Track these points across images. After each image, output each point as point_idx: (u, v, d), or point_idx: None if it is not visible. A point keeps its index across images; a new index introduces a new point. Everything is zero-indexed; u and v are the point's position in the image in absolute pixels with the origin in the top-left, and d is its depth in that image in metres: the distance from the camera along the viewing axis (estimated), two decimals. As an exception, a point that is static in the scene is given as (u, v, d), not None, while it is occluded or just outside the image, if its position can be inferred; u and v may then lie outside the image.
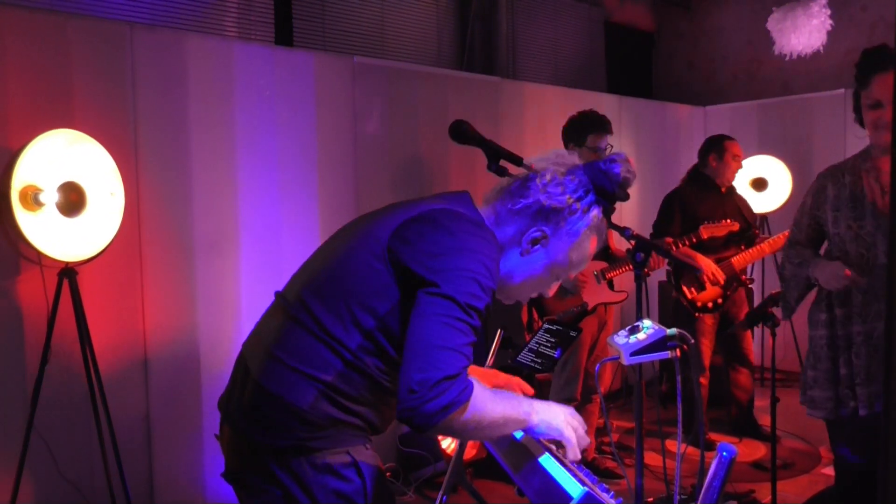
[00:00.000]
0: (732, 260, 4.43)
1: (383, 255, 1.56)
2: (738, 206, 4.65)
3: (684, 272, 4.43)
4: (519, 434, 1.75)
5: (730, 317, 4.61)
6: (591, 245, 1.75)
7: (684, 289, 4.47)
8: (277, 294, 1.78)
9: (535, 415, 1.63)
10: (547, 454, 1.67)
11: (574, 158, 1.76)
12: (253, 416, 1.61)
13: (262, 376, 1.61)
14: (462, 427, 1.46)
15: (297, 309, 1.63)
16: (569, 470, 1.59)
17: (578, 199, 1.69)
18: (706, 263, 4.32)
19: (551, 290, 1.82)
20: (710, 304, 4.49)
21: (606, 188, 1.71)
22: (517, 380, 2.13)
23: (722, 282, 4.37)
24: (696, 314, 4.50)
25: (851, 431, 2.60)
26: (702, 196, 4.52)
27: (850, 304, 2.56)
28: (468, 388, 1.45)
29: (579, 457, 1.66)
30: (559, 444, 1.69)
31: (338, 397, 1.58)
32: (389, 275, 1.55)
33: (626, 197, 1.75)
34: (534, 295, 1.82)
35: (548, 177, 1.70)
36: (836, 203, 2.62)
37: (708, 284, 4.42)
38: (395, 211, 1.67)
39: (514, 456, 1.76)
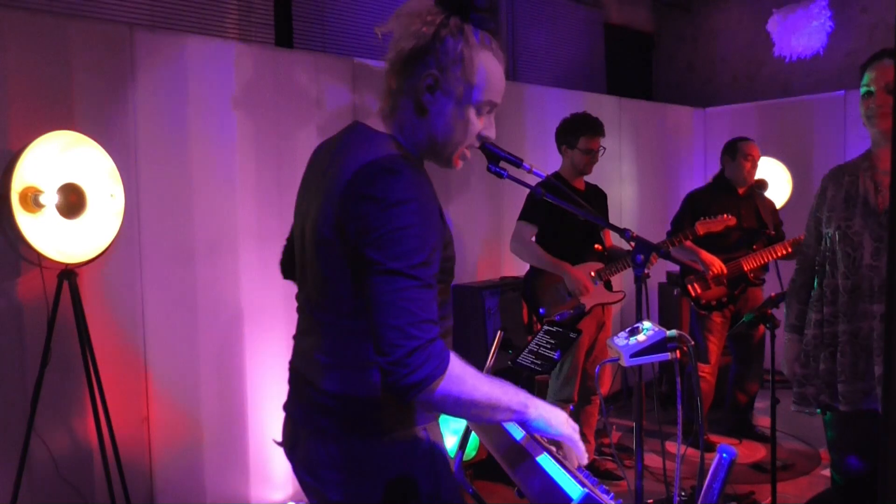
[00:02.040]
0: (741, 260, 4.44)
1: (346, 252, 1.56)
2: (757, 208, 4.65)
3: (689, 269, 4.44)
4: (519, 434, 1.74)
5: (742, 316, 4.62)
6: (489, 62, 1.64)
7: (689, 286, 4.49)
8: (297, 306, 1.83)
9: (533, 409, 1.61)
10: (546, 454, 1.66)
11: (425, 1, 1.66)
12: (334, 416, 1.64)
13: (328, 384, 1.64)
14: (441, 401, 1.48)
15: (316, 320, 1.68)
16: (568, 471, 1.59)
17: (438, 25, 1.59)
18: (710, 259, 4.33)
19: (490, 131, 1.74)
20: (713, 302, 4.50)
21: (457, 1, 1.60)
22: None
23: (725, 279, 4.38)
24: (702, 312, 4.52)
25: (848, 430, 2.63)
26: (715, 196, 4.55)
27: (837, 303, 2.61)
28: (444, 362, 1.46)
29: (586, 460, 1.65)
30: (558, 446, 1.69)
31: None
32: (351, 262, 1.55)
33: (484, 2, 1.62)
34: (476, 143, 1.73)
35: (393, 25, 1.64)
36: (832, 203, 2.66)
37: (712, 282, 4.44)
38: (326, 190, 1.62)
39: (513, 457, 1.76)
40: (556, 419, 1.64)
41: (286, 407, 1.83)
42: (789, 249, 4.34)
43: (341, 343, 1.63)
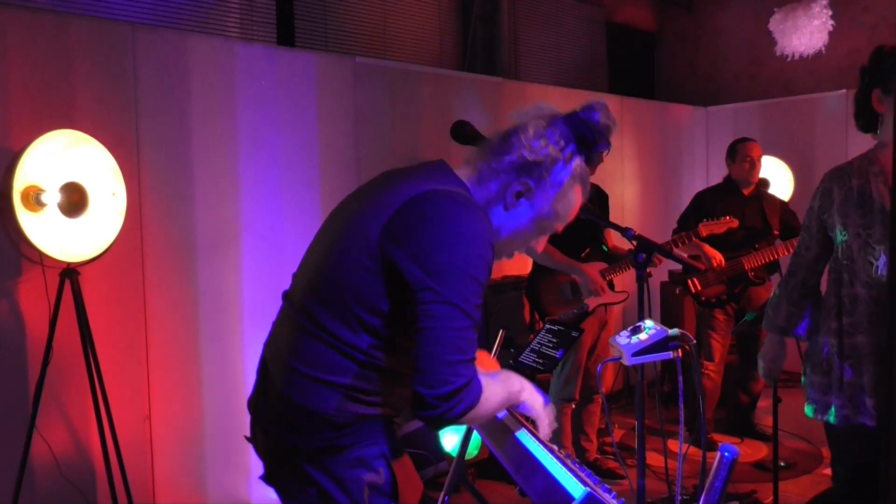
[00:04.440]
0: (742, 259, 4.44)
1: (377, 255, 1.55)
2: (763, 209, 4.64)
3: (691, 267, 4.44)
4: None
5: (745, 315, 4.61)
6: (576, 196, 1.73)
7: (689, 282, 4.49)
8: (284, 295, 1.80)
9: (524, 392, 1.77)
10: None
11: (553, 109, 1.75)
12: (283, 423, 1.66)
13: (286, 387, 1.64)
14: (471, 420, 1.59)
15: (303, 317, 1.65)
16: (570, 470, 1.59)
17: (560, 150, 1.67)
18: (712, 252, 4.33)
19: (539, 245, 1.84)
20: (713, 300, 4.50)
21: (587, 136, 1.70)
22: (483, 354, 2.13)
23: (725, 275, 4.40)
24: (703, 308, 4.53)
25: (860, 443, 2.57)
26: (720, 197, 4.57)
27: (856, 313, 2.51)
28: (478, 392, 1.54)
29: (549, 434, 1.79)
30: (532, 422, 1.82)
31: (360, 395, 1.62)
32: (386, 275, 1.55)
33: (607, 146, 1.73)
34: (521, 250, 1.82)
35: (530, 131, 1.68)
36: (843, 208, 2.55)
37: (712, 279, 4.44)
38: (382, 197, 1.64)
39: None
40: (539, 402, 1.80)
41: (250, 405, 1.81)
42: (791, 250, 4.33)
43: (315, 349, 1.61)
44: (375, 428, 1.67)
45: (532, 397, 1.78)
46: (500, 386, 1.69)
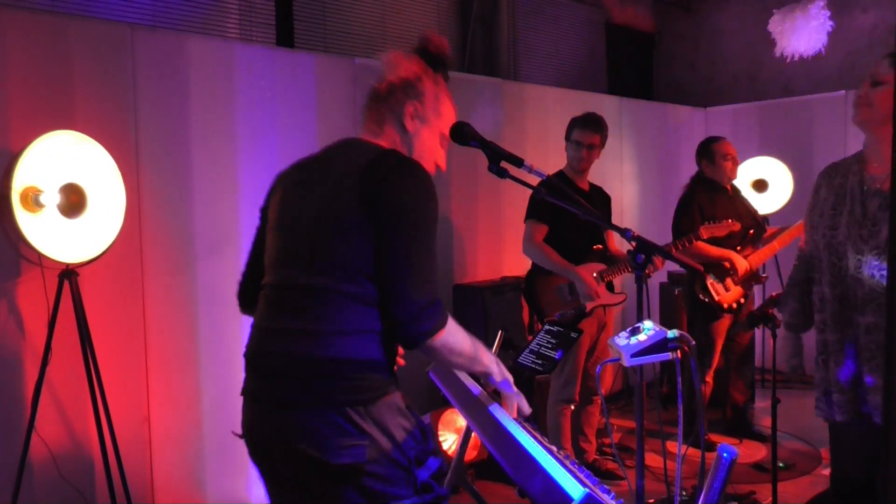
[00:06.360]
0: (749, 259, 4.42)
1: (357, 219, 1.75)
2: (747, 206, 4.65)
3: (709, 273, 4.41)
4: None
5: (737, 316, 4.60)
6: (450, 104, 2.04)
7: (712, 290, 4.43)
8: (269, 286, 1.99)
9: (494, 366, 1.92)
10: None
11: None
12: (333, 382, 1.74)
13: (323, 351, 1.74)
14: (441, 347, 1.75)
15: (307, 291, 1.79)
16: (569, 471, 1.59)
17: (423, 73, 1.99)
18: (741, 262, 4.32)
19: (442, 162, 2.05)
20: (734, 305, 4.46)
21: (430, 53, 2.01)
22: None
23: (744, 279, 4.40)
24: (726, 315, 4.47)
25: (851, 438, 2.60)
26: (714, 197, 4.52)
27: (825, 311, 2.58)
28: (446, 316, 1.75)
29: (528, 410, 1.95)
30: (499, 397, 1.98)
31: (388, 340, 1.80)
32: (371, 230, 1.74)
33: (446, 56, 2.02)
34: (438, 161, 2.05)
35: (384, 68, 2.04)
36: (821, 208, 2.60)
37: (731, 284, 4.41)
38: (341, 169, 1.89)
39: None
40: (510, 381, 1.96)
41: (254, 391, 1.95)
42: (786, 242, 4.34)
43: (336, 308, 1.74)
44: (395, 377, 1.84)
45: (505, 376, 1.93)
46: (474, 342, 1.85)
